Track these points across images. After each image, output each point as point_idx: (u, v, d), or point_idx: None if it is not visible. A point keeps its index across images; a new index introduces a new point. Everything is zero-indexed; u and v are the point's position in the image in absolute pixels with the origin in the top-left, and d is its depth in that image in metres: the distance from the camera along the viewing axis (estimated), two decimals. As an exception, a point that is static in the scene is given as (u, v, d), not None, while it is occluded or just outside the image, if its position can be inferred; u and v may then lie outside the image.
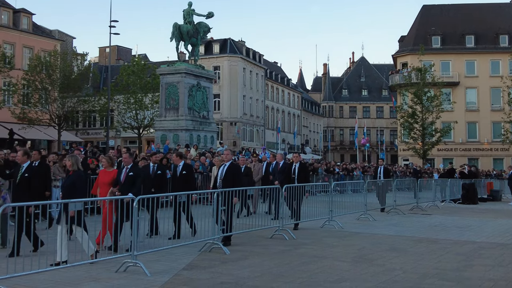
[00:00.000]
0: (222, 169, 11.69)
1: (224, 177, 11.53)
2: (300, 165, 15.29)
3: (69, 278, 8.22)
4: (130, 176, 10.34)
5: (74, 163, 9.64)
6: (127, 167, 10.54)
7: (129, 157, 10.87)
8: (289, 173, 15.19)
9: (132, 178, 10.31)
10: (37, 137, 44.85)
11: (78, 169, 9.64)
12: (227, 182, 11.38)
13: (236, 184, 11.36)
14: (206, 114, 31.69)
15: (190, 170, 12.72)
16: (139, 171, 10.74)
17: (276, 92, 76.48)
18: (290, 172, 15.15)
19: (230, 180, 11.42)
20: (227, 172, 11.56)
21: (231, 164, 11.75)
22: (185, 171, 12.40)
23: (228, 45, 63.85)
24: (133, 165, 10.71)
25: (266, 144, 63.06)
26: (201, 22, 31.83)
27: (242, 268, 9.16)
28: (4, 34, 46.34)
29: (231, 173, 11.55)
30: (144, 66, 49.86)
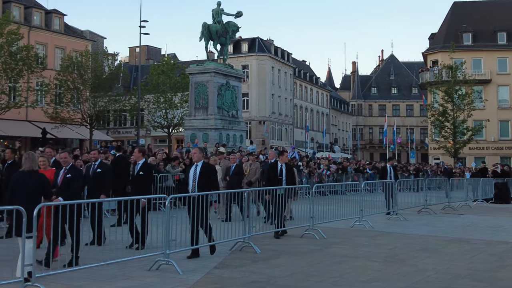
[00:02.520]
0: (193, 171, 10.31)
1: (198, 180, 10.16)
2: (286, 166, 13.49)
3: (103, 276, 8.36)
4: (68, 178, 9.29)
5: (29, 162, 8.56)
6: (65, 168, 9.46)
7: (68, 156, 9.69)
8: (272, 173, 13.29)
9: (70, 181, 9.25)
10: (69, 136, 45.56)
11: (33, 170, 8.51)
12: (203, 185, 10.08)
13: (213, 186, 10.33)
14: (235, 113, 31.78)
15: (149, 170, 11.42)
16: (77, 172, 9.62)
17: (305, 90, 76.28)
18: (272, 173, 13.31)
19: (206, 182, 10.13)
20: (201, 173, 10.20)
21: (203, 165, 10.37)
22: (142, 171, 11.09)
23: (257, 44, 63.90)
24: (72, 166, 9.60)
25: (295, 143, 62.97)
26: (230, 22, 31.92)
27: (273, 267, 9.20)
28: (36, 35, 47.17)
29: (206, 174, 10.21)
30: (173, 65, 50.24)
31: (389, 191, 17.65)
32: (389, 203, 17.63)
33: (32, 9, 48.39)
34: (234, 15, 31.89)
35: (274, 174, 13.14)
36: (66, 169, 9.43)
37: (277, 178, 13.02)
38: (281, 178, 13.08)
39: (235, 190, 13.56)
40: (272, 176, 13.13)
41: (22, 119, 42.64)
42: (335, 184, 24.78)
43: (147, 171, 11.17)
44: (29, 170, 8.44)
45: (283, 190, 12.34)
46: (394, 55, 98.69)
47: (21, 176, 8.44)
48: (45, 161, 9.70)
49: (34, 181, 8.38)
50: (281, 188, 12.42)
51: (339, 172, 30.74)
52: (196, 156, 10.49)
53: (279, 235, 12.48)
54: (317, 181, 27.13)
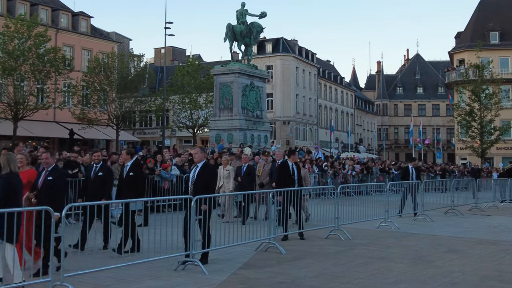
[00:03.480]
0: (193, 172, 9.87)
1: (195, 182, 9.67)
2: (297, 165, 13.29)
3: (131, 276, 8.46)
4: (49, 181, 8.60)
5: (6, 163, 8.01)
6: (47, 170, 8.77)
7: (51, 157, 8.98)
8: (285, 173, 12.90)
9: (51, 183, 8.61)
10: (96, 137, 46.10)
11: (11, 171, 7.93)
12: (199, 187, 9.56)
13: (210, 189, 9.71)
14: (259, 114, 31.85)
15: (138, 170, 11.04)
16: (60, 174, 8.94)
17: (329, 90, 75.99)
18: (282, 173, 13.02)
19: (202, 184, 9.61)
20: (199, 175, 9.68)
21: (204, 166, 9.84)
22: (132, 173, 10.67)
23: (281, 44, 63.87)
24: (54, 167, 8.88)
25: (320, 143, 62.80)
26: (254, 22, 32.01)
27: (299, 268, 9.22)
28: (63, 37, 47.83)
29: (204, 176, 9.68)
30: (198, 66, 50.52)
31: (411, 192, 17.38)
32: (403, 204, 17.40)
33: (59, 11, 49.10)
34: (258, 16, 31.98)
35: (286, 173, 12.80)
36: (47, 171, 8.74)
37: (290, 178, 12.73)
38: (293, 178, 12.82)
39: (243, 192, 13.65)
40: (285, 175, 12.80)
41: (50, 120, 43.26)
42: (360, 185, 24.67)
43: (137, 171, 10.77)
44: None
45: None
46: (419, 54, 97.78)
47: None
48: (22, 159, 8.91)
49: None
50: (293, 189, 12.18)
51: (364, 173, 30.56)
52: (197, 156, 9.95)
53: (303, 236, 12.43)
54: (342, 181, 27.03)
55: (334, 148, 57.46)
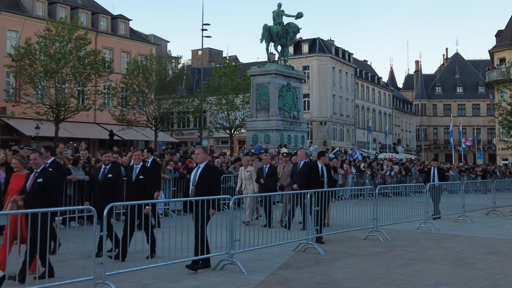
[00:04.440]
0: (195, 173, 9.47)
1: (197, 183, 9.26)
2: (327, 166, 12.97)
3: (169, 275, 8.57)
4: (39, 183, 8.08)
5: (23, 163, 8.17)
6: (36, 171, 8.23)
7: (39, 157, 8.43)
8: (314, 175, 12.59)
9: (42, 186, 8.07)
10: (135, 138, 46.73)
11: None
12: (201, 189, 9.18)
13: (213, 191, 9.27)
14: (296, 114, 31.80)
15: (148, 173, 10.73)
16: (51, 175, 8.36)
17: (367, 90, 75.33)
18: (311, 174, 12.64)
19: (205, 186, 9.20)
20: (201, 176, 9.27)
21: (206, 166, 9.40)
22: (142, 176, 10.43)
23: (317, 45, 63.61)
24: (44, 169, 8.35)
25: (357, 144, 62.31)
26: (290, 23, 31.97)
27: (337, 269, 9.18)
28: (103, 39, 48.63)
29: (206, 177, 9.27)
30: (235, 67, 50.71)
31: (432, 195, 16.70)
32: (437, 207, 16.75)
33: (99, 14, 49.96)
34: (294, 16, 31.93)
35: (315, 175, 12.51)
36: (37, 173, 8.21)
37: (319, 180, 12.42)
38: (322, 180, 12.54)
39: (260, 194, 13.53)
40: (314, 177, 12.48)
41: (90, 121, 44.06)
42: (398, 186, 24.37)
43: (147, 173, 10.58)
44: None
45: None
46: (459, 53, 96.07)
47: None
48: (16, 164, 8.52)
49: None
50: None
51: (402, 174, 30.19)
52: (200, 157, 9.52)
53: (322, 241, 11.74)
54: (380, 182, 26.78)
55: (371, 149, 56.84)
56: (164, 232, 9.45)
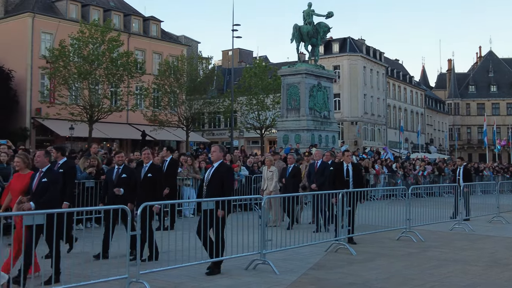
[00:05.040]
0: (208, 173, 9.19)
1: (209, 183, 8.98)
2: (353, 165, 12.58)
3: (202, 274, 8.62)
4: (44, 183, 7.85)
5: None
6: (41, 171, 8.01)
7: (44, 156, 8.15)
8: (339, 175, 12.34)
9: (46, 186, 7.84)
10: (167, 138, 47.16)
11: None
12: (213, 189, 8.89)
13: (224, 192, 8.92)
14: (327, 114, 31.66)
15: (157, 172, 10.55)
16: (55, 176, 8.14)
17: (398, 90, 74.56)
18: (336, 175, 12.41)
19: (217, 186, 8.90)
20: (214, 176, 8.96)
21: (220, 166, 9.06)
22: (150, 174, 10.24)
23: (348, 44, 63.24)
24: (49, 168, 8.11)
25: (388, 144, 61.73)
26: (321, 22, 31.85)
27: (370, 270, 9.13)
28: (135, 41, 49.19)
29: (219, 177, 8.93)
30: (265, 67, 50.73)
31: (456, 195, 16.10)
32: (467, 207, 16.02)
33: (131, 16, 50.55)
34: (325, 16, 31.79)
35: (340, 175, 12.28)
36: (42, 172, 7.98)
37: (343, 180, 12.14)
38: (348, 180, 12.18)
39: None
40: (338, 177, 12.26)
41: (123, 122, 44.64)
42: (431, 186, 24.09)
43: (155, 172, 10.41)
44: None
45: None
46: (493, 51, 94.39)
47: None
48: (19, 163, 8.33)
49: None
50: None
51: (435, 174, 29.82)
52: (215, 155, 9.13)
53: (354, 241, 11.57)
54: (412, 182, 26.51)
55: (403, 149, 56.26)
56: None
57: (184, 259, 8.55)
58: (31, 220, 7.22)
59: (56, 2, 45.51)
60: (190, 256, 8.60)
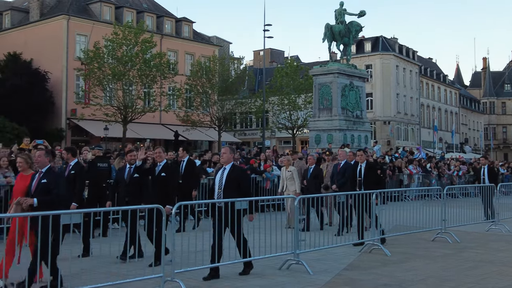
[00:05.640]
0: (220, 175, 8.82)
1: (225, 186, 8.66)
2: (367, 165, 12.16)
3: (236, 274, 8.66)
4: (43, 184, 7.53)
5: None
6: (41, 171, 7.72)
7: (45, 156, 7.85)
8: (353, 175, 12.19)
9: (46, 187, 7.53)
10: (199, 138, 47.48)
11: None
12: (230, 191, 8.59)
13: (244, 193, 8.70)
14: (359, 114, 31.44)
15: (171, 172, 10.34)
16: (56, 176, 7.85)
17: (432, 89, 73.61)
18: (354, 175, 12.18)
19: (234, 188, 8.63)
20: (228, 179, 8.66)
21: (232, 168, 8.81)
22: (164, 173, 9.97)
23: (380, 43, 62.69)
24: (49, 168, 7.80)
25: (422, 143, 60.96)
26: (353, 21, 31.65)
27: (405, 271, 9.05)
28: (168, 42, 49.63)
29: (234, 179, 8.68)
30: (296, 67, 50.62)
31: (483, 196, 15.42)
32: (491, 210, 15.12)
33: (164, 18, 51.03)
34: (357, 15, 31.59)
35: (352, 175, 12.10)
36: (42, 172, 7.70)
37: (353, 180, 11.93)
38: (360, 180, 11.82)
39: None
40: (351, 177, 12.13)
41: (156, 122, 45.11)
42: (467, 186, 23.71)
43: (168, 172, 10.09)
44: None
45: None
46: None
47: None
48: (22, 163, 8.05)
49: None
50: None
51: (470, 174, 29.33)
52: (226, 157, 8.87)
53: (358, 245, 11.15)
54: (447, 182, 26.15)
55: (437, 149, 55.48)
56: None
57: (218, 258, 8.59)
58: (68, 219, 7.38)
59: (90, 4, 46.24)
60: (223, 255, 8.65)
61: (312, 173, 14.09)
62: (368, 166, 12.11)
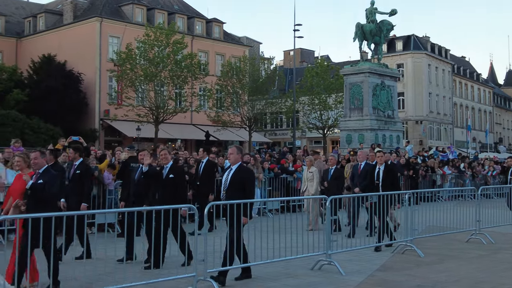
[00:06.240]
0: (226, 176, 8.52)
1: (228, 188, 8.36)
2: (385, 167, 11.65)
3: (268, 274, 8.71)
4: (39, 184, 7.43)
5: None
6: (38, 172, 7.62)
7: (41, 157, 7.76)
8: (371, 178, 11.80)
9: (43, 187, 7.43)
10: (230, 139, 47.67)
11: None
12: (234, 193, 8.26)
13: (247, 196, 8.32)
14: (391, 113, 31.18)
15: (179, 173, 9.86)
16: (52, 177, 7.61)
17: (465, 88, 72.52)
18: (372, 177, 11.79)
19: (238, 190, 8.29)
20: (233, 180, 8.36)
21: (238, 169, 8.46)
22: (172, 174, 9.50)
23: (412, 42, 62.03)
24: (46, 169, 7.71)
25: (455, 143, 60.16)
26: (384, 20, 31.40)
27: (438, 272, 8.96)
28: (198, 43, 49.91)
29: (239, 181, 8.34)
30: (327, 67, 50.40)
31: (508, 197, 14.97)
32: None
33: (194, 19, 51.35)
34: (388, 14, 31.35)
35: (370, 178, 11.79)
36: (39, 173, 7.59)
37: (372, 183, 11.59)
38: (377, 183, 11.45)
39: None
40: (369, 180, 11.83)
41: (187, 122, 45.43)
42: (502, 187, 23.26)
43: (177, 173, 9.70)
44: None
45: (375, 198, 10.74)
46: None
47: None
48: (20, 162, 7.99)
49: None
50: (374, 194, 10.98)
51: (505, 174, 28.81)
52: (232, 157, 8.52)
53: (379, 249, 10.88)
54: (481, 183, 25.74)
55: (471, 148, 54.67)
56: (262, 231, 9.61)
57: (250, 259, 8.65)
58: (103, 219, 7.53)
59: (123, 7, 46.81)
60: (255, 255, 8.69)
61: (333, 174, 13.77)
62: (387, 169, 11.67)
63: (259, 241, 9.88)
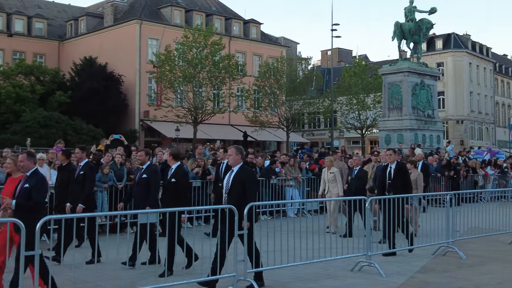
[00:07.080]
0: (227, 178, 8.16)
1: (230, 190, 8.02)
2: (397, 166, 11.05)
3: (308, 274, 8.75)
4: (25, 189, 7.04)
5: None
6: (26, 175, 7.22)
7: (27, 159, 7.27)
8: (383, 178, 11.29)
9: (28, 192, 7.02)
10: (268, 139, 47.77)
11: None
12: (235, 197, 7.89)
13: (249, 200, 7.83)
14: (430, 113, 30.78)
15: (181, 176, 9.31)
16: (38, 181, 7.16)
17: (507, 86, 70.98)
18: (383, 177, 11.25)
19: (239, 193, 7.91)
20: (234, 183, 7.99)
21: (239, 170, 8.08)
22: (174, 179, 9.12)
23: (452, 40, 61.06)
24: (34, 172, 7.24)
25: (498, 143, 58.94)
26: (423, 19, 31.03)
27: (481, 274, 8.86)
28: (236, 44, 50.19)
29: (240, 183, 7.96)
30: (365, 66, 50.07)
31: None
32: None
33: (232, 20, 51.66)
34: (427, 12, 30.97)
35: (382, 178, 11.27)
36: (26, 176, 7.20)
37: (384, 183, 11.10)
38: (389, 183, 10.95)
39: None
40: (380, 180, 11.35)
41: (225, 123, 45.76)
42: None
43: (179, 177, 9.24)
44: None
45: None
46: None
47: None
48: (10, 164, 7.77)
49: None
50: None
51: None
52: (232, 158, 8.16)
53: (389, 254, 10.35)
54: (525, 184, 25.18)
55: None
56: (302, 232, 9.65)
57: (290, 259, 8.70)
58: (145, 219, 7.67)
59: (161, 9, 47.41)
60: (295, 256, 8.74)
61: (357, 175, 13.45)
62: (398, 168, 11.06)
63: (299, 241, 9.91)
